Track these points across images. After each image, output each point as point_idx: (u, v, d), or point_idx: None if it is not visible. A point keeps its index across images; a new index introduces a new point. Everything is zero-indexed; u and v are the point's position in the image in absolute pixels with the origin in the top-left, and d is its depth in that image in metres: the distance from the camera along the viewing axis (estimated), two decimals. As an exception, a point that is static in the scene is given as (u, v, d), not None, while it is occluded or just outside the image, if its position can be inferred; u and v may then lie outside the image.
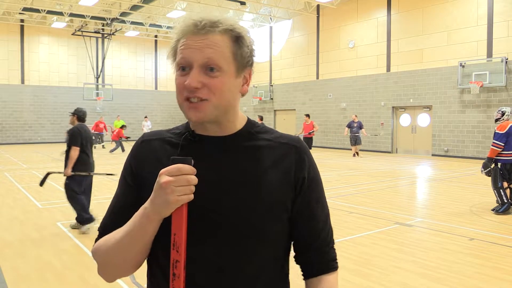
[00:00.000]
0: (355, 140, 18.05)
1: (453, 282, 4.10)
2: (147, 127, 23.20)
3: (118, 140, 20.13)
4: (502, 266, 4.59)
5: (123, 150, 20.31)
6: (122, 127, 20.76)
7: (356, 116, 18.55)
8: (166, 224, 0.99)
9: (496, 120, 7.43)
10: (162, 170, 0.94)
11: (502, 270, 4.47)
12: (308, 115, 17.78)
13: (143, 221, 0.98)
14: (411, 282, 4.11)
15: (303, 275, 1.14)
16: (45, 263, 4.71)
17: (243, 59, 1.05)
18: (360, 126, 18.04)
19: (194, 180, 0.94)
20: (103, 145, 23.51)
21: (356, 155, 18.05)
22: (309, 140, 17.11)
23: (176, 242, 0.96)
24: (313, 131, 17.25)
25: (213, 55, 1.00)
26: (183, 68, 1.02)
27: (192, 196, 0.96)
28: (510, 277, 4.26)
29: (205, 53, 0.99)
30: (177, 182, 0.92)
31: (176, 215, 0.97)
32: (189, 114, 1.02)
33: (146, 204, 0.98)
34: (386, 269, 4.47)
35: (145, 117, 25.44)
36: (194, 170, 0.94)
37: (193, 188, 0.95)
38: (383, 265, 4.60)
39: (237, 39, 1.04)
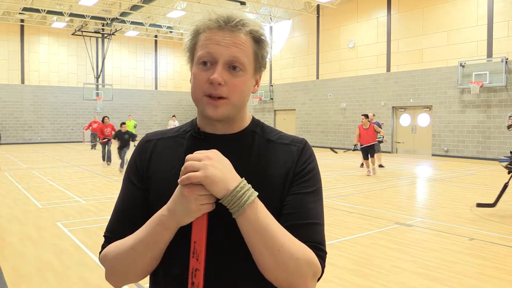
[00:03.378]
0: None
1: (453, 282, 4.10)
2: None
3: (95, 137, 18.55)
4: (502, 266, 4.59)
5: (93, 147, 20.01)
6: (135, 126, 21.12)
7: (373, 114, 14.59)
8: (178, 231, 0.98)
9: (509, 127, 7.38)
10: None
11: (502, 270, 4.47)
12: (366, 116, 12.29)
13: (159, 229, 0.96)
14: (411, 282, 4.11)
15: None
16: (45, 263, 4.71)
17: (262, 60, 1.07)
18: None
19: None
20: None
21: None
22: (370, 148, 12.04)
23: (197, 250, 0.95)
24: (382, 138, 12.32)
25: (239, 53, 1.00)
26: (205, 63, 1.01)
27: (214, 206, 0.94)
28: (510, 277, 4.26)
29: (232, 50, 0.99)
30: (201, 190, 0.91)
31: (197, 224, 0.95)
32: (207, 110, 1.01)
33: (163, 211, 0.96)
34: (386, 269, 4.47)
35: (173, 116, 24.75)
36: None
37: (215, 198, 0.93)
38: (383, 265, 4.60)
39: (259, 41, 1.05)
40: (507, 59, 15.86)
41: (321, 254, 1.00)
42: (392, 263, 4.68)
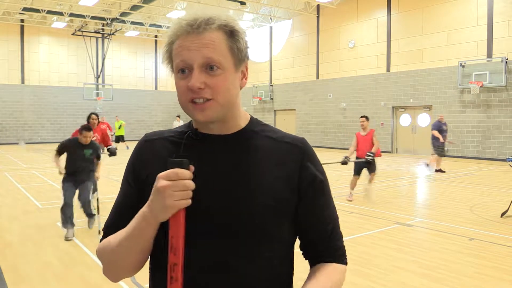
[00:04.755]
0: (443, 149, 13.02)
1: (453, 282, 4.10)
2: None
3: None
4: (502, 266, 4.59)
5: None
6: (120, 127, 20.34)
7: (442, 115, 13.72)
8: (166, 226, 0.99)
9: None
10: (160, 174, 0.93)
11: (502, 270, 4.47)
12: (366, 118, 8.91)
13: (142, 224, 0.98)
14: (411, 282, 4.11)
15: (310, 265, 1.15)
16: (45, 263, 4.71)
17: (240, 52, 1.04)
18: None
19: (192, 185, 0.93)
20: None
21: (440, 171, 12.83)
22: (369, 163, 8.44)
23: (173, 245, 0.96)
24: (373, 155, 8.40)
25: (212, 53, 0.99)
26: (183, 71, 1.01)
27: (190, 201, 0.95)
28: (510, 277, 4.26)
29: (203, 52, 0.98)
30: (175, 187, 0.92)
31: (174, 219, 0.96)
32: (196, 116, 1.02)
33: (145, 207, 0.98)
34: (386, 269, 4.47)
35: (177, 116, 24.28)
36: (191, 174, 0.93)
37: (191, 193, 0.94)
38: (383, 265, 4.60)
39: (232, 34, 1.02)
40: (507, 59, 15.86)
41: (342, 254, 1.16)
42: (392, 263, 4.68)
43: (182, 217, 0.96)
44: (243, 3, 22.68)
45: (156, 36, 31.32)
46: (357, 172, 8.74)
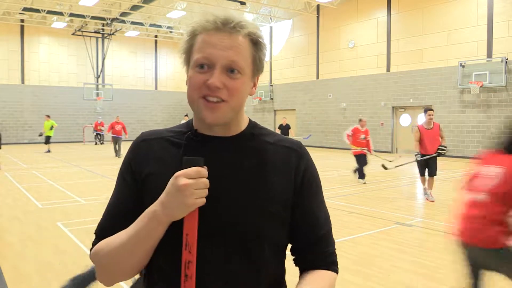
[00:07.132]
0: None
1: (453, 282, 4.10)
2: None
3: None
4: (502, 266, 4.59)
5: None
6: (52, 128, 19.58)
7: None
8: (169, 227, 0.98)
9: None
10: (179, 173, 0.92)
11: (502, 270, 4.46)
12: (431, 110, 9.57)
13: (152, 224, 0.96)
14: (411, 282, 4.11)
15: (300, 272, 1.13)
16: (45, 263, 4.71)
17: (260, 62, 1.05)
18: None
19: (208, 183, 0.94)
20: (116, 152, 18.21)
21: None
22: (432, 161, 8.51)
23: (189, 243, 0.96)
24: (445, 148, 8.60)
25: (237, 57, 0.99)
26: (202, 66, 1.00)
27: (205, 200, 0.95)
28: (510, 277, 4.26)
29: (229, 54, 0.98)
30: (196, 185, 0.92)
31: (189, 217, 0.96)
32: (204, 114, 1.00)
33: (155, 206, 0.96)
34: (386, 269, 4.47)
35: (185, 115, 24.01)
36: (207, 172, 0.94)
37: (207, 191, 0.95)
38: (383, 265, 4.60)
39: (257, 43, 1.03)
40: (507, 59, 15.86)
41: (334, 260, 1.12)
42: (392, 263, 4.68)
43: (196, 215, 0.96)
44: (243, 3, 22.68)
45: (156, 36, 31.32)
46: (423, 172, 8.60)
